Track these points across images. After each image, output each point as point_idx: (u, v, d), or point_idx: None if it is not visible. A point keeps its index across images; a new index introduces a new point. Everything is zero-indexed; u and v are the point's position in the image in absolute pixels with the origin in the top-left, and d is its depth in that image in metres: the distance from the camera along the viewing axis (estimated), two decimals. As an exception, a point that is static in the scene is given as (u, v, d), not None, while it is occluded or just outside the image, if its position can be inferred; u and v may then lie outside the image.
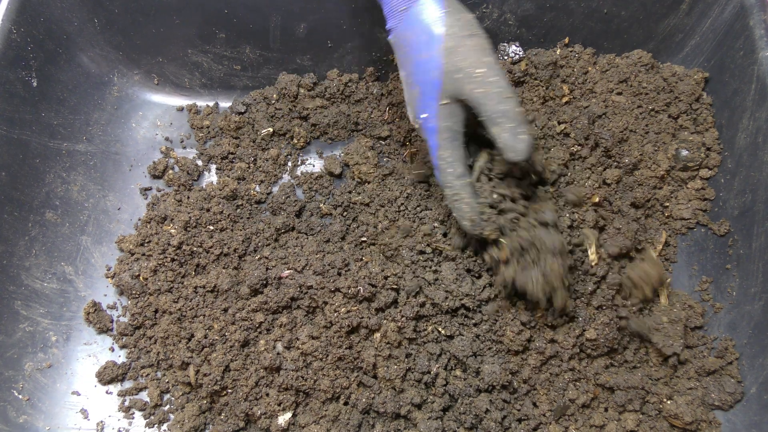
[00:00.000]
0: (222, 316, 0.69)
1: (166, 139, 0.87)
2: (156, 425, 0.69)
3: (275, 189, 0.82)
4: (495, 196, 0.60)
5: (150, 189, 0.83)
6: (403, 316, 0.65)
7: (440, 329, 0.67)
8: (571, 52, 0.83)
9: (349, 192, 0.80)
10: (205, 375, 0.67)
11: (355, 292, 0.66)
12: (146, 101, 0.88)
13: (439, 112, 0.57)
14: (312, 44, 0.84)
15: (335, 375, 0.66)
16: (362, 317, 0.66)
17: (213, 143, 0.85)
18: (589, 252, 0.64)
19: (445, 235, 0.69)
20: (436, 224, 0.69)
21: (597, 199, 0.69)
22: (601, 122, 0.78)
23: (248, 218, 0.78)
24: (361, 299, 0.66)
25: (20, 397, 0.69)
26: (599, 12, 0.81)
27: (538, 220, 0.60)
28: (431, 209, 0.71)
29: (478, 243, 0.65)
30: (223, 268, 0.73)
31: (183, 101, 0.89)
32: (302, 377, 0.65)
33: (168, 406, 0.70)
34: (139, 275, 0.73)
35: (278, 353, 0.66)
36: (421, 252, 0.68)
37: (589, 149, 0.72)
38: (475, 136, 0.62)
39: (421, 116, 0.58)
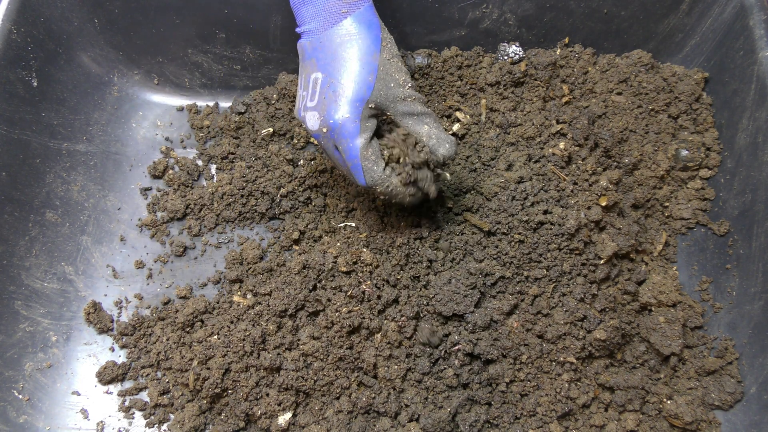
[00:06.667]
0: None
1: (166, 139, 0.87)
2: (156, 425, 0.69)
3: (275, 189, 0.82)
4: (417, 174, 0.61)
5: (150, 189, 0.83)
6: (403, 316, 0.66)
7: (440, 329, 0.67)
8: (571, 52, 0.83)
9: (349, 192, 0.80)
10: (204, 380, 0.67)
11: (361, 291, 0.66)
12: (146, 101, 0.88)
13: (364, 113, 0.59)
14: (312, 44, 0.84)
15: (336, 375, 0.66)
16: (363, 317, 0.66)
17: (213, 143, 0.85)
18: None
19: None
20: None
21: (605, 202, 0.68)
22: (601, 122, 0.78)
23: (248, 218, 0.78)
24: (367, 299, 0.66)
25: (20, 397, 0.69)
26: (599, 12, 0.81)
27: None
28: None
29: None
30: (223, 268, 0.73)
31: (183, 101, 0.89)
32: (302, 377, 0.65)
33: (168, 406, 0.70)
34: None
35: (278, 353, 0.66)
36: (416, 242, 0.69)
37: (588, 149, 0.71)
38: None
39: (337, 118, 0.59)
